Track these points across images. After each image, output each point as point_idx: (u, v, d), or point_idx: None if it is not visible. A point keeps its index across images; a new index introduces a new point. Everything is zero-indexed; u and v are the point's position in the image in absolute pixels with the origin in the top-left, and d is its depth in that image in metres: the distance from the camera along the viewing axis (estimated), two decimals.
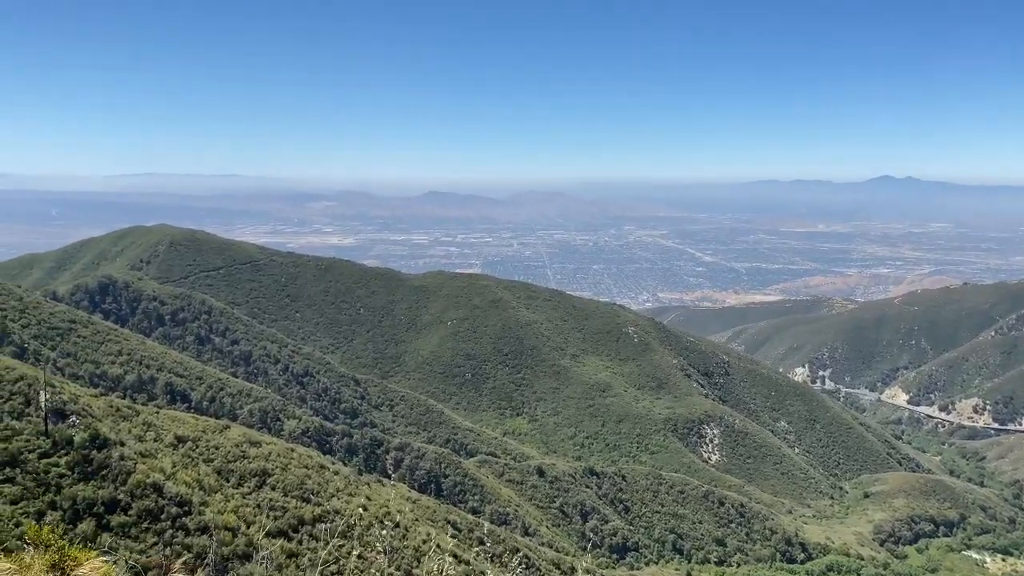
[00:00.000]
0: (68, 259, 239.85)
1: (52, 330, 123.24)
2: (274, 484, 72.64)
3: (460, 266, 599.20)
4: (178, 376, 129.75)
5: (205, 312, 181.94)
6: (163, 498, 60.02)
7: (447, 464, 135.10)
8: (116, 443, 63.86)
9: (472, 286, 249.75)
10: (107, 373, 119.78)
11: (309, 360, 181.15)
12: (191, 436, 75.70)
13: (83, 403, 69.49)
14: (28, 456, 58.04)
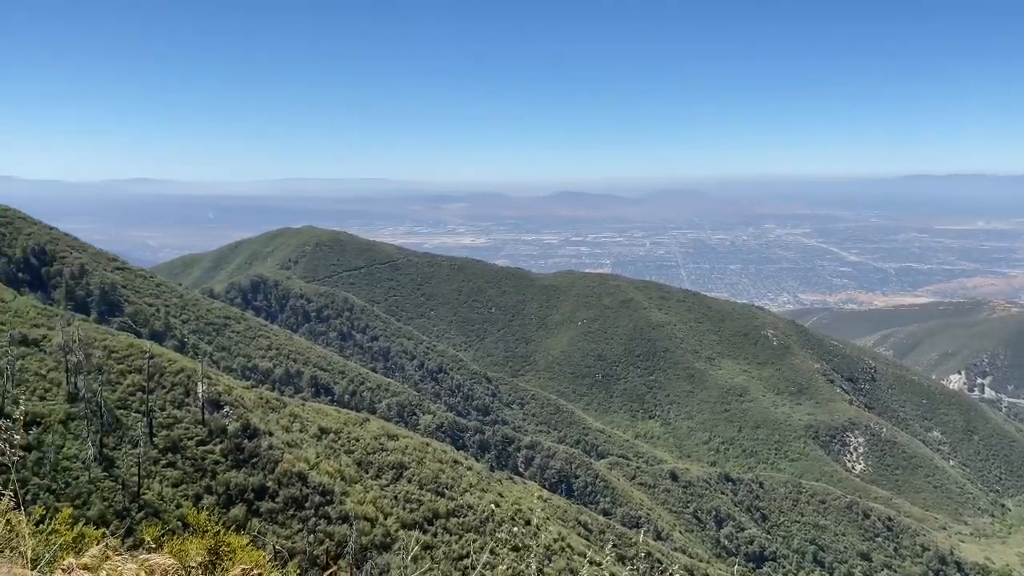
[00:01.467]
0: (223, 259, 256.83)
1: (209, 325, 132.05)
2: (410, 477, 74.65)
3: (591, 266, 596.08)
4: (322, 370, 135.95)
5: (347, 309, 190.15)
6: (307, 487, 62.92)
7: (578, 464, 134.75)
8: (265, 433, 67.55)
9: (603, 286, 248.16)
10: (258, 366, 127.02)
11: (443, 357, 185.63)
12: (333, 428, 79.01)
13: (236, 395, 73.96)
14: (187, 443, 62.34)
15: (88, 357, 67.89)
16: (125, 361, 71.11)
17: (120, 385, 66.74)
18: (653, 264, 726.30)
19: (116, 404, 63.52)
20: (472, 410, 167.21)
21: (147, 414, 63.32)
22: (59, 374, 65.46)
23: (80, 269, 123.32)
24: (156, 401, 65.70)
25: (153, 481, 56.88)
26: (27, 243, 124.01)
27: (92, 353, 69.33)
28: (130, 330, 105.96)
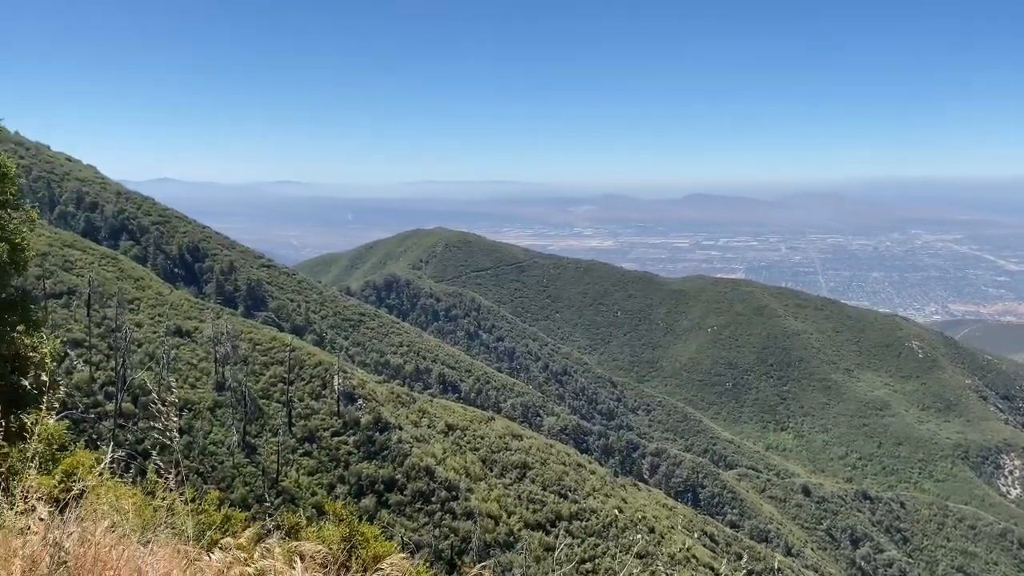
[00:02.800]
0: (360, 259, 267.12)
1: (345, 321, 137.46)
2: (534, 477, 74.77)
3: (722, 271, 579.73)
4: (450, 368, 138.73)
5: (474, 309, 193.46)
6: (434, 482, 64.16)
7: (705, 474, 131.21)
8: (396, 427, 69.42)
9: (735, 292, 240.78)
10: (389, 362, 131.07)
11: (568, 359, 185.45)
12: (460, 425, 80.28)
13: (369, 388, 76.45)
14: (323, 433, 64.96)
15: (235, 349, 72.06)
16: (268, 353, 74.97)
17: (263, 376, 70.39)
18: (789, 270, 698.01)
19: (259, 394, 67.03)
20: (596, 414, 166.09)
21: (287, 404, 66.49)
22: (209, 364, 69.76)
23: (229, 266, 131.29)
24: (296, 392, 68.87)
25: (291, 469, 59.60)
26: (183, 241, 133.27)
27: (239, 345, 73.53)
28: (274, 324, 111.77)
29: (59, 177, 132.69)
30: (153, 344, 70.25)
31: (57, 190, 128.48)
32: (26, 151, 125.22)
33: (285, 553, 5.81)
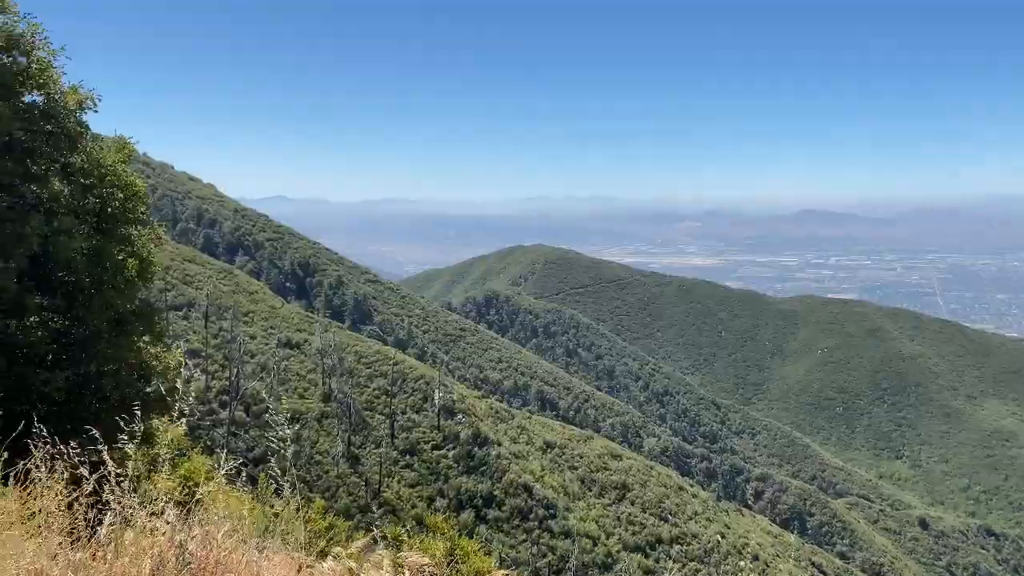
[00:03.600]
0: (461, 275, 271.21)
1: (446, 336, 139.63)
2: (633, 499, 73.59)
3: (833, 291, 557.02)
4: (548, 385, 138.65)
5: (573, 327, 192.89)
6: (532, 499, 64.04)
7: (813, 502, 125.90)
8: (495, 442, 69.78)
9: (847, 313, 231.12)
10: (488, 377, 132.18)
11: (669, 380, 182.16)
12: (558, 443, 79.98)
13: (468, 403, 77.21)
14: (424, 447, 65.95)
15: (341, 361, 74.22)
16: (373, 366, 76.89)
17: (368, 388, 72.21)
18: (905, 291, 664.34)
19: (364, 405, 68.77)
20: (698, 436, 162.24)
21: (390, 417, 67.93)
22: (317, 375, 72.12)
23: (337, 281, 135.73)
24: (398, 405, 70.29)
25: (392, 480, 60.74)
26: (294, 256, 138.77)
27: (345, 357, 75.71)
28: (378, 338, 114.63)
29: (181, 195, 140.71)
30: (265, 355, 73.20)
31: (179, 207, 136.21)
32: (152, 171, 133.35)
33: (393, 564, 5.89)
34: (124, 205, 13.92)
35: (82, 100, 13.26)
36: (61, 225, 12.26)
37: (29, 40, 12.54)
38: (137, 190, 14.22)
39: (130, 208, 14.08)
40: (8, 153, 12.26)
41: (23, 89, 12.68)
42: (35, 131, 12.68)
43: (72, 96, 13.14)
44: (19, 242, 11.75)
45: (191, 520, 4.15)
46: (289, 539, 4.90)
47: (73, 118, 13.17)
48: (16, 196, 12.53)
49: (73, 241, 12.23)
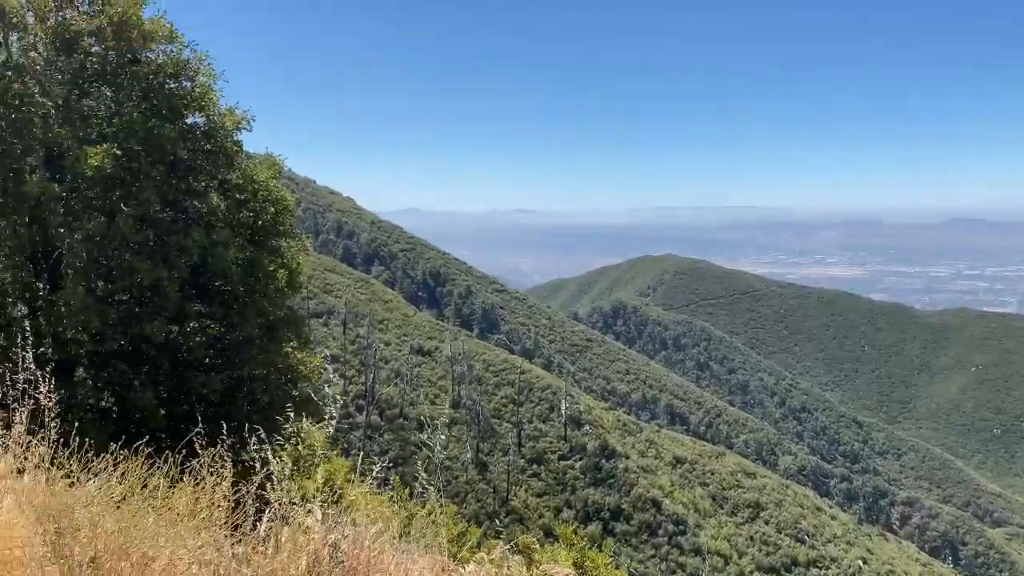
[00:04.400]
0: (587, 285, 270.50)
1: (572, 347, 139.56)
2: (767, 519, 70.90)
3: (989, 303, 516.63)
4: (678, 399, 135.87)
5: (704, 339, 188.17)
6: (661, 514, 62.88)
7: (967, 530, 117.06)
8: (622, 455, 69.05)
9: (1005, 327, 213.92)
10: (616, 389, 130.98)
11: (807, 396, 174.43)
12: (688, 458, 78.19)
13: (595, 415, 76.80)
14: (550, 456, 66.09)
15: (470, 369, 75.65)
16: (500, 375, 77.87)
17: (495, 396, 73.17)
18: None
19: (491, 413, 69.73)
20: (838, 456, 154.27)
21: (517, 425, 68.55)
22: (447, 382, 73.81)
23: (466, 290, 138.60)
24: (525, 414, 70.83)
25: (520, 489, 61.20)
26: (426, 266, 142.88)
27: (474, 365, 77.12)
28: (505, 347, 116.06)
29: (322, 208, 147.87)
30: (398, 361, 75.60)
31: (321, 220, 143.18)
32: (296, 185, 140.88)
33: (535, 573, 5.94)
34: (275, 218, 14.78)
35: (238, 121, 14.22)
36: (219, 237, 13.16)
37: (194, 67, 13.61)
38: (287, 204, 15.06)
39: (280, 221, 14.93)
40: (173, 171, 13.30)
41: (187, 112, 13.75)
42: (196, 150, 13.70)
43: (229, 117, 14.10)
44: (182, 253, 12.70)
45: (343, 520, 4.34)
46: (431, 542, 5.03)
47: (230, 138, 14.13)
48: (179, 211, 13.55)
49: (229, 252, 13.11)
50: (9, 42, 12.88)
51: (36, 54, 13.12)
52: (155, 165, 12.67)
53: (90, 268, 12.28)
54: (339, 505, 5.17)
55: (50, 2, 12.65)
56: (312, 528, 4.14)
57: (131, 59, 13.11)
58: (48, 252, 12.84)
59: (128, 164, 12.27)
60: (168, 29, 13.26)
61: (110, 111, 13.15)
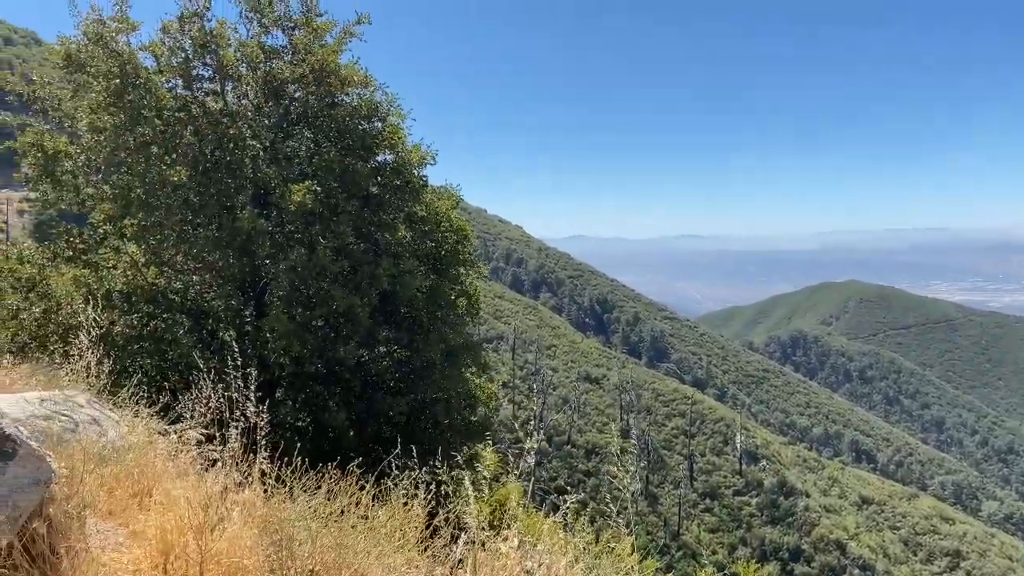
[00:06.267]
0: (763, 313, 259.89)
1: (747, 377, 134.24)
2: (969, 569, 64.50)
3: None
4: (864, 435, 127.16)
5: (894, 372, 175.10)
6: (846, 557, 58.84)
7: None
8: (802, 493, 65.37)
9: None
10: (795, 423, 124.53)
11: (1014, 435, 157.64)
12: (876, 499, 72.80)
13: (773, 449, 73.30)
14: (724, 491, 63.68)
15: (639, 398, 74.62)
16: (670, 405, 76.27)
17: (665, 427, 71.69)
18: None
19: (661, 444, 68.32)
20: None
21: (689, 458, 66.69)
22: (615, 410, 73.16)
23: (634, 317, 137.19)
24: (697, 446, 68.83)
25: (691, 523, 59.37)
26: (593, 293, 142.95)
27: (642, 394, 76.01)
28: (675, 376, 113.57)
29: (493, 237, 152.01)
30: (566, 388, 75.88)
31: (491, 247, 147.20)
32: (468, 215, 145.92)
33: None
34: (455, 248, 15.42)
35: (424, 157, 15.02)
36: (405, 267, 13.87)
37: (384, 108, 14.56)
38: (466, 234, 15.68)
39: (460, 250, 15.56)
40: (366, 205, 14.21)
41: (378, 150, 14.69)
42: (386, 185, 14.57)
43: (416, 153, 14.91)
44: (373, 282, 13.50)
45: (538, 548, 4.40)
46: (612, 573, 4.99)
47: (416, 173, 14.94)
48: (371, 242, 14.42)
49: (415, 281, 13.79)
50: (225, 91, 14.31)
51: (247, 101, 14.50)
52: (350, 200, 13.60)
53: (292, 296, 13.30)
54: (511, 529, 5.24)
55: (260, 54, 13.94)
56: (507, 554, 4.23)
57: (329, 103, 14.21)
58: (255, 282, 14.05)
59: (326, 200, 13.24)
60: (362, 75, 14.25)
61: (310, 151, 14.31)
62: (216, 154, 13.16)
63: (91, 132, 13.02)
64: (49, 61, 14.57)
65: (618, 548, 5.59)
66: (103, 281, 13.41)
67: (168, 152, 13.01)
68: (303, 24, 14.34)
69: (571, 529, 11.13)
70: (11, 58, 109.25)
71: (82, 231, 14.35)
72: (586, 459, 63.88)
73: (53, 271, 13.60)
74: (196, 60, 13.71)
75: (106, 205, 13.67)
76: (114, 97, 12.66)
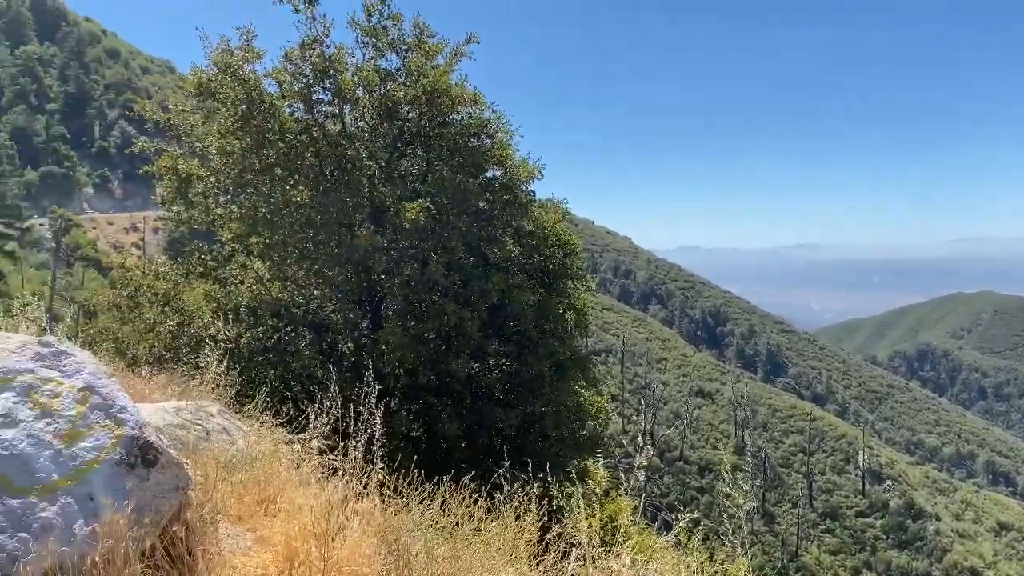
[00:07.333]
0: (887, 325, 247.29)
1: (871, 393, 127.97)
2: None
3: None
4: (1001, 456, 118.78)
5: None
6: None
7: None
8: (932, 516, 61.68)
9: None
10: (923, 442, 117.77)
11: None
12: (1016, 525, 67.80)
13: (899, 469, 69.53)
14: (846, 512, 60.86)
15: (754, 413, 72.34)
16: (788, 421, 73.61)
17: (783, 444, 69.22)
18: None
19: (778, 462, 65.98)
20: None
21: (807, 476, 64.09)
22: (728, 426, 71.20)
23: (749, 330, 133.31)
24: (816, 464, 66.11)
25: (811, 544, 57.01)
26: (705, 305, 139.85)
27: (758, 410, 73.66)
28: (793, 391, 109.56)
29: (600, 248, 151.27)
30: (677, 402, 74.47)
31: (598, 259, 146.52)
32: (575, 227, 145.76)
33: None
34: (563, 262, 15.49)
35: (531, 172, 15.19)
36: (514, 281, 14.04)
37: (493, 125, 14.84)
38: (574, 248, 15.72)
39: (568, 264, 15.60)
40: (476, 221, 14.50)
41: (487, 166, 14.97)
42: (495, 201, 14.82)
43: (524, 169, 15.10)
44: (483, 296, 13.74)
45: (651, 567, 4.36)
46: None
47: (524, 188, 15.12)
48: (480, 257, 14.69)
49: (523, 295, 13.93)
50: (344, 114, 14.93)
51: (364, 123, 15.09)
52: (460, 216, 13.93)
53: (405, 310, 13.72)
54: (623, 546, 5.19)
55: (376, 77, 14.48)
56: (619, 573, 4.21)
57: (441, 122, 14.61)
58: (372, 296, 14.56)
59: (438, 216, 13.60)
60: (472, 93, 14.59)
61: (423, 170, 14.75)
62: (335, 174, 13.75)
63: (220, 155, 13.86)
64: (182, 89, 15.63)
65: (732, 568, 5.45)
66: (231, 296, 14.22)
67: (291, 173, 13.69)
68: (415, 46, 14.83)
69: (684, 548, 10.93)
70: (148, 86, 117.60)
71: (212, 249, 15.27)
72: (699, 476, 62.44)
73: (186, 286, 14.51)
74: (316, 85, 14.39)
75: (234, 224, 14.51)
76: (241, 122, 13.43)
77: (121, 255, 17.42)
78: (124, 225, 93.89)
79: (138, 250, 77.81)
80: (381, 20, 14.79)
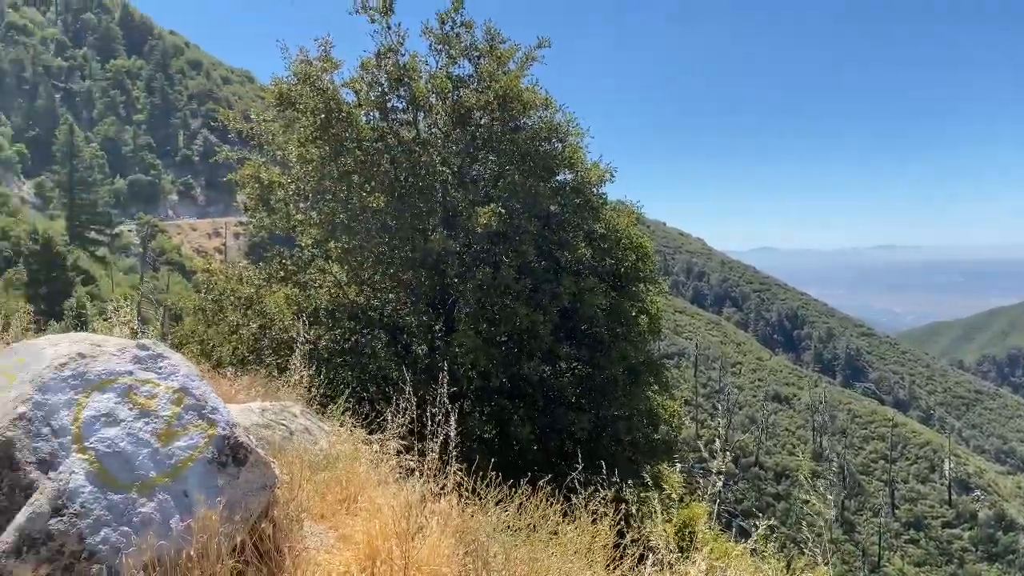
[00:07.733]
0: (975, 328, 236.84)
1: (957, 399, 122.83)
2: None
3: None
4: None
5: None
6: None
7: None
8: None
9: None
10: (1015, 451, 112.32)
11: None
12: None
13: (988, 479, 66.60)
14: (931, 522, 58.61)
15: (833, 419, 70.31)
16: (868, 427, 71.33)
17: (863, 450, 67.12)
18: None
19: (859, 469, 63.99)
20: None
21: (890, 484, 61.95)
22: (806, 432, 69.38)
23: (827, 333, 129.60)
24: (899, 472, 63.87)
25: (894, 555, 55.11)
26: (781, 308, 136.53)
27: (836, 415, 71.56)
28: (874, 396, 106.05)
29: (672, 250, 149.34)
30: (753, 407, 72.95)
31: (670, 261, 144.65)
32: (647, 229, 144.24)
33: None
34: (635, 265, 15.40)
35: (603, 175, 15.17)
36: (585, 284, 14.04)
37: (564, 128, 14.88)
38: (647, 251, 15.61)
39: (640, 267, 15.50)
40: (547, 225, 14.56)
41: (558, 170, 15.03)
42: (567, 204, 14.86)
43: (595, 172, 15.10)
44: (554, 299, 13.79)
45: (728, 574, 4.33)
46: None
47: (595, 191, 15.11)
48: (551, 260, 14.73)
49: (595, 298, 13.91)
50: (418, 121, 15.19)
51: (437, 129, 15.32)
52: (531, 220, 14.00)
53: (478, 313, 13.86)
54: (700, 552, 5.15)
55: (448, 84, 14.68)
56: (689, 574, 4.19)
57: (512, 127, 14.71)
58: (445, 299, 14.76)
59: (510, 220, 13.70)
60: (544, 98, 14.66)
61: (494, 174, 14.88)
62: (410, 181, 14.01)
63: (300, 163, 14.29)
64: (263, 99, 16.15)
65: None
66: (310, 299, 14.63)
67: (367, 180, 14.01)
68: (487, 52, 14.96)
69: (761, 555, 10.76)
70: (228, 95, 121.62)
71: (292, 254, 15.73)
72: (775, 482, 61.03)
73: (267, 290, 14.97)
74: (391, 93, 14.69)
75: (313, 230, 14.93)
76: (320, 131, 13.82)
77: (205, 260, 18.09)
78: (207, 231, 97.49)
79: (220, 255, 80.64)
80: (454, 28, 14.99)
